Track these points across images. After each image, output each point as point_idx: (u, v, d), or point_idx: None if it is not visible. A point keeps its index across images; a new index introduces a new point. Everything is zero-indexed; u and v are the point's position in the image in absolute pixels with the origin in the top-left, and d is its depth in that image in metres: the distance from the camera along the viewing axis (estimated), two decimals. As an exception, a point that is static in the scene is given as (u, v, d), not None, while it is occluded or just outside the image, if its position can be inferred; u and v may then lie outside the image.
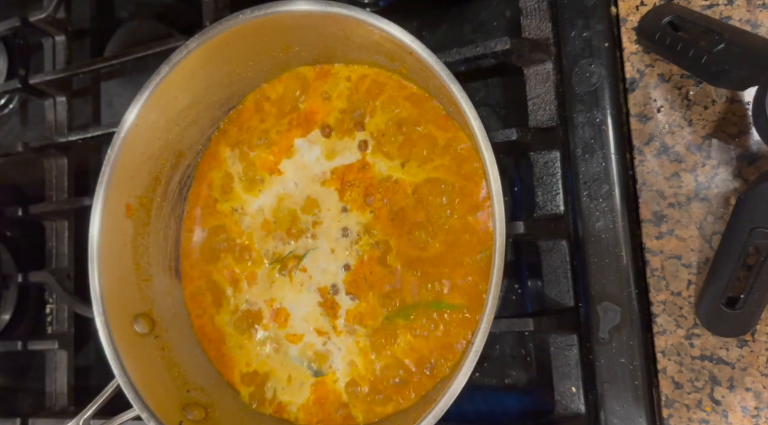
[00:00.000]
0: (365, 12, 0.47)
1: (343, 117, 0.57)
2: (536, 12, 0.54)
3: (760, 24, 0.47)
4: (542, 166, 0.53)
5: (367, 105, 0.56)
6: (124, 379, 0.52)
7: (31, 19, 0.76)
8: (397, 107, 0.55)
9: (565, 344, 0.52)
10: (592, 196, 0.50)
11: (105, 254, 0.55)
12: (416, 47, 0.46)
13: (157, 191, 0.59)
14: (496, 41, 0.51)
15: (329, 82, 0.58)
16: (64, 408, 0.72)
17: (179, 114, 0.58)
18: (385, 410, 0.53)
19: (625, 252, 0.49)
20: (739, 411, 0.47)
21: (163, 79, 0.54)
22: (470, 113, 0.44)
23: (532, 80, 0.54)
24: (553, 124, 0.53)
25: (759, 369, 0.46)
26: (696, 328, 0.48)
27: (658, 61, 0.50)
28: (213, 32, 0.52)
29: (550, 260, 0.53)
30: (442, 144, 0.54)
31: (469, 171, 0.52)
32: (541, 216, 0.53)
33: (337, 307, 0.55)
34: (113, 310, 0.54)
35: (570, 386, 0.51)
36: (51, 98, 0.79)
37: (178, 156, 0.60)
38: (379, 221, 0.55)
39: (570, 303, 0.52)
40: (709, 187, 0.48)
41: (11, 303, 0.78)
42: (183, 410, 0.54)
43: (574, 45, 0.52)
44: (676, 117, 0.49)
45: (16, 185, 0.84)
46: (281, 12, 0.50)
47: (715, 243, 0.48)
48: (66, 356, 0.73)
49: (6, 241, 0.81)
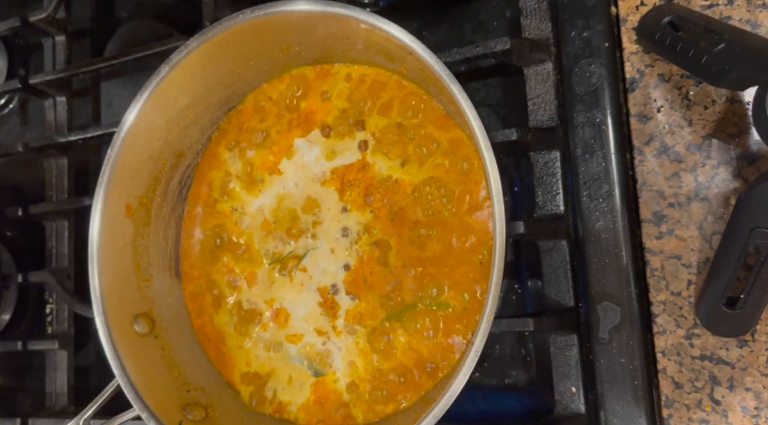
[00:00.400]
0: (365, 12, 0.47)
1: (343, 117, 0.57)
2: (536, 12, 0.54)
3: (760, 24, 0.47)
4: (542, 166, 0.53)
5: (367, 105, 0.56)
6: (124, 379, 0.52)
7: (31, 19, 0.76)
8: (397, 106, 0.55)
9: (565, 344, 0.52)
10: (592, 196, 0.50)
11: (105, 254, 0.55)
12: (416, 47, 0.46)
13: (157, 191, 0.59)
14: (496, 41, 0.51)
15: (329, 82, 0.58)
16: (64, 408, 0.72)
17: (179, 114, 0.58)
18: (386, 410, 0.53)
19: (625, 252, 0.49)
20: (739, 411, 0.47)
21: (163, 79, 0.54)
22: (470, 113, 0.44)
23: (532, 80, 0.54)
24: (553, 124, 0.53)
25: (759, 369, 0.46)
26: (696, 328, 0.48)
27: (658, 61, 0.50)
28: (213, 32, 0.52)
29: (550, 260, 0.53)
30: (441, 144, 0.54)
31: (469, 171, 0.52)
32: (541, 216, 0.53)
33: (337, 307, 0.55)
34: (113, 310, 0.54)
35: (570, 386, 0.51)
36: (51, 98, 0.79)
37: (178, 156, 0.60)
38: (379, 221, 0.55)
39: (570, 303, 0.52)
40: (709, 187, 0.48)
41: (11, 303, 0.78)
42: (183, 410, 0.54)
43: (574, 45, 0.52)
44: (676, 117, 0.49)
45: (16, 185, 0.84)
46: (281, 12, 0.50)
47: (715, 243, 0.48)
48: (66, 356, 0.73)
49: (6, 241, 0.81)
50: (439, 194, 0.53)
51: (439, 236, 0.52)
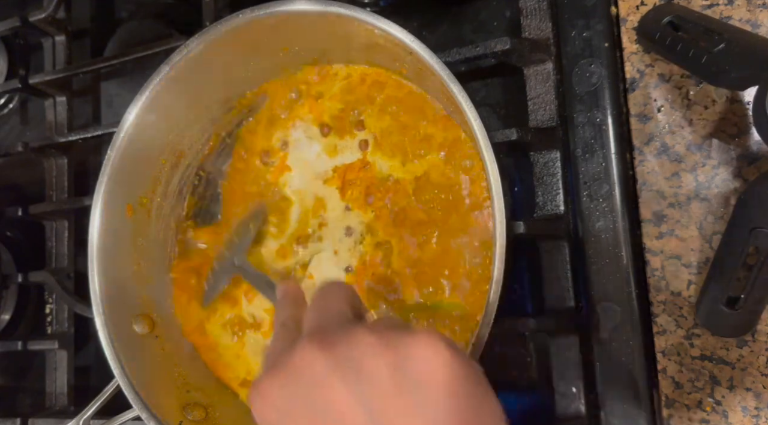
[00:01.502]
0: (365, 12, 0.47)
1: (343, 116, 0.57)
2: (536, 12, 0.54)
3: (761, 24, 0.47)
4: (542, 166, 0.53)
5: (367, 105, 0.56)
6: (124, 379, 0.52)
7: (31, 19, 0.76)
8: (397, 106, 0.55)
9: (565, 344, 0.52)
10: (592, 196, 0.50)
11: (105, 254, 0.55)
12: (416, 47, 0.46)
13: (157, 191, 0.59)
14: (496, 41, 0.51)
15: (329, 82, 0.58)
16: (64, 408, 0.72)
17: (179, 114, 0.58)
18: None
19: (625, 252, 0.49)
20: (740, 411, 0.47)
21: (163, 79, 0.54)
22: (470, 113, 0.44)
23: (532, 80, 0.54)
24: (553, 124, 0.53)
25: (759, 369, 0.46)
26: (696, 328, 0.48)
27: (658, 61, 0.50)
28: (213, 32, 0.52)
29: (550, 260, 0.53)
30: (441, 144, 0.54)
31: (470, 170, 0.52)
32: (541, 216, 0.53)
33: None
34: (113, 310, 0.54)
35: (570, 386, 0.51)
36: (51, 98, 0.79)
37: (178, 156, 0.60)
38: (380, 221, 0.55)
39: (570, 303, 0.52)
40: (709, 187, 0.48)
41: (11, 303, 0.78)
42: (183, 410, 0.54)
43: (574, 45, 0.51)
44: (676, 117, 0.49)
45: (16, 185, 0.84)
46: (281, 12, 0.50)
47: (715, 243, 0.48)
48: (66, 356, 0.73)
49: (6, 241, 0.81)
50: (440, 193, 0.53)
51: (440, 236, 0.52)
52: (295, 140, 0.59)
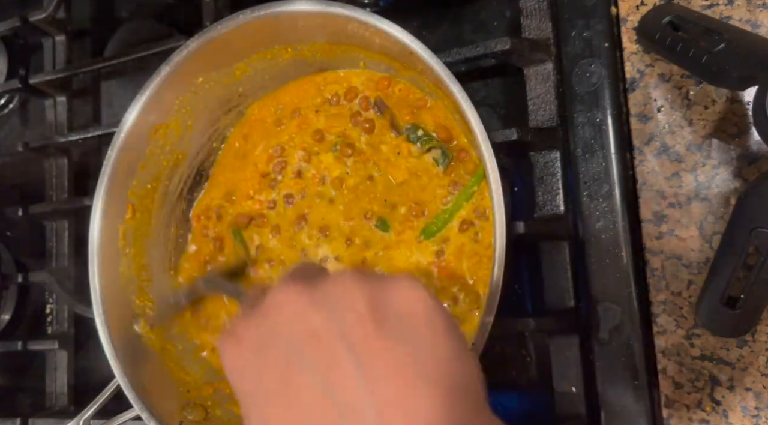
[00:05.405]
0: (365, 12, 0.47)
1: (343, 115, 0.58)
2: (536, 12, 0.54)
3: (761, 24, 0.47)
4: (542, 166, 0.53)
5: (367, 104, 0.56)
6: (124, 379, 0.52)
7: (31, 19, 0.76)
8: (396, 106, 0.55)
9: (565, 344, 0.52)
10: (592, 196, 0.50)
11: (105, 255, 0.55)
12: (416, 47, 0.46)
13: (158, 191, 0.59)
14: (496, 41, 0.51)
15: (328, 82, 0.58)
16: (64, 408, 0.72)
17: (179, 114, 0.58)
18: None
19: (625, 252, 0.49)
20: (740, 411, 0.47)
21: (163, 79, 0.54)
22: (470, 113, 0.44)
23: (532, 80, 0.54)
24: (553, 124, 0.53)
25: (759, 369, 0.46)
26: (696, 328, 0.48)
27: (658, 61, 0.50)
28: (213, 32, 0.52)
29: (550, 260, 0.53)
30: (442, 143, 0.54)
31: (469, 171, 0.52)
32: (541, 216, 0.53)
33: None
34: (113, 310, 0.54)
35: (570, 386, 0.51)
36: (51, 98, 0.79)
37: (178, 156, 0.60)
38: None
39: (570, 303, 0.52)
40: (709, 187, 0.48)
41: (11, 303, 0.78)
42: (183, 410, 0.54)
43: (574, 45, 0.51)
44: (676, 117, 0.49)
45: (16, 185, 0.84)
46: (281, 12, 0.50)
47: (715, 243, 0.48)
48: (66, 356, 0.73)
49: (6, 241, 0.81)
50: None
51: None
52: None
